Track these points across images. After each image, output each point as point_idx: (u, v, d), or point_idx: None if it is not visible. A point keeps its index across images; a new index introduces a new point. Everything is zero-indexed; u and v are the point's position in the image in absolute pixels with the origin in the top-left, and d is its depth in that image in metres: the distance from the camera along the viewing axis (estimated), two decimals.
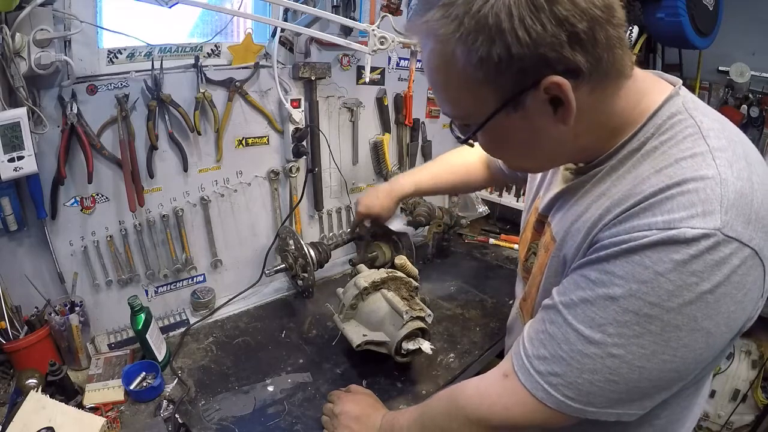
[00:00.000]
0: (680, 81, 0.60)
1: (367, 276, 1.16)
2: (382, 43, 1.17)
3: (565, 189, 0.67)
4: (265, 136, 1.44)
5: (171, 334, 1.29)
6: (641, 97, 0.58)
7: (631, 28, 1.55)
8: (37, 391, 0.91)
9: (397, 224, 1.38)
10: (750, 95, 1.89)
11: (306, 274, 1.36)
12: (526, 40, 0.47)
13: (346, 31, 1.42)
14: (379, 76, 1.66)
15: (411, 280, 1.19)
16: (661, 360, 0.50)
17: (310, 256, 1.35)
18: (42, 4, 0.93)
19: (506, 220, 2.04)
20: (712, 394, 2.00)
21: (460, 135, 0.61)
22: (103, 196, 1.18)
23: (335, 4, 1.37)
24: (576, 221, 0.62)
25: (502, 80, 0.51)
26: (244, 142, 1.40)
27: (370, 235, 1.47)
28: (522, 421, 0.61)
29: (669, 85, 0.60)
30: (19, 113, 0.92)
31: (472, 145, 0.63)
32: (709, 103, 2.01)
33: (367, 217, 1.31)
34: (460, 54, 0.51)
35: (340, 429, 0.90)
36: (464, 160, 1.23)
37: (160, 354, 1.13)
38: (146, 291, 1.33)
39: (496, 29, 0.47)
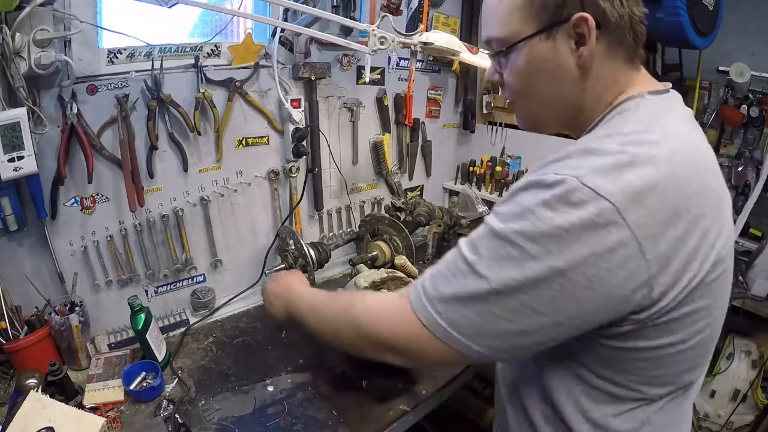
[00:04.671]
0: (674, 94, 0.66)
1: (367, 276, 1.16)
2: (382, 43, 1.17)
3: None
4: (265, 136, 1.44)
5: (171, 334, 1.29)
6: (621, 90, 0.64)
7: None
8: (37, 391, 0.91)
9: None
10: (750, 95, 1.89)
11: (306, 274, 1.36)
12: None
13: (346, 31, 1.42)
14: (379, 76, 1.66)
15: (411, 280, 1.19)
16: (515, 288, 0.54)
17: (310, 256, 1.35)
18: (42, 4, 0.93)
19: None
20: (712, 394, 2.00)
21: (495, 52, 0.69)
22: (103, 196, 1.18)
23: (335, 4, 1.37)
24: None
25: (547, 3, 0.61)
26: (244, 142, 1.40)
27: (370, 234, 1.47)
28: (405, 341, 0.65)
29: (655, 87, 0.65)
30: (19, 113, 0.92)
31: (501, 75, 0.70)
32: (708, 103, 2.02)
33: None
34: None
35: (266, 304, 1.07)
36: None
37: (160, 354, 1.13)
38: (146, 291, 1.33)
39: None
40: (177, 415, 0.98)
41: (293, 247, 1.40)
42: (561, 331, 0.56)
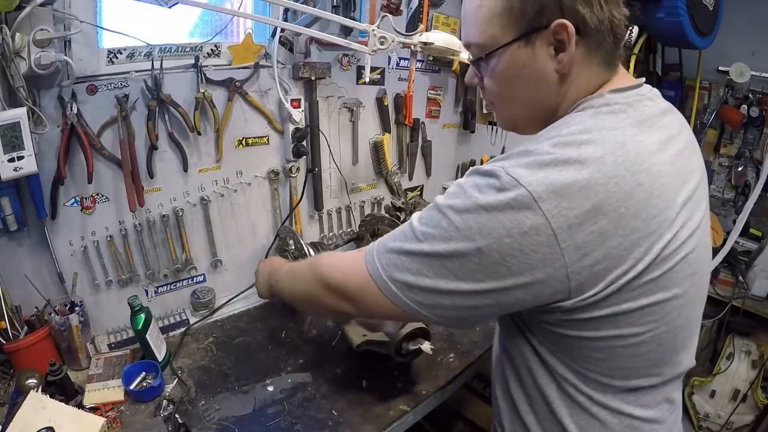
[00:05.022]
0: (644, 90, 0.66)
1: None
2: (382, 43, 1.17)
3: None
4: (265, 136, 1.44)
5: (171, 334, 1.29)
6: (593, 91, 0.65)
7: (631, 28, 1.55)
8: (37, 391, 0.91)
9: None
10: (750, 95, 1.89)
11: None
12: None
13: (346, 31, 1.42)
14: (379, 76, 1.66)
15: None
16: (439, 252, 0.60)
17: (310, 255, 1.35)
18: (42, 4, 0.93)
19: None
20: (712, 394, 2.00)
21: (471, 58, 0.71)
22: (103, 196, 1.18)
23: (335, 4, 1.37)
24: None
25: (526, 10, 0.61)
26: (244, 142, 1.40)
27: (370, 234, 1.47)
28: (352, 287, 0.72)
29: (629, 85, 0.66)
30: (19, 113, 0.92)
31: (481, 79, 0.71)
32: (708, 103, 2.02)
33: None
34: None
35: (256, 284, 1.14)
36: None
37: (160, 354, 1.13)
38: (146, 291, 1.33)
39: None
40: (177, 415, 0.98)
41: (293, 247, 1.40)
42: (480, 302, 0.61)
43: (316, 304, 0.84)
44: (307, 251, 1.35)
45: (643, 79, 0.69)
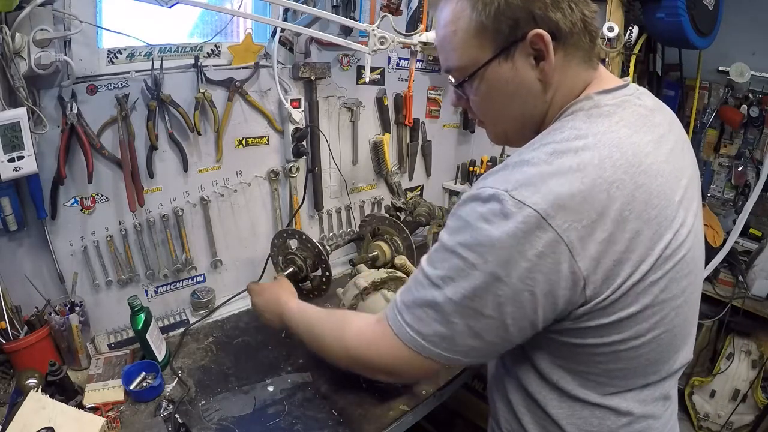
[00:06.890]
0: (631, 90, 0.66)
1: (367, 276, 1.16)
2: (382, 43, 1.17)
3: None
4: (265, 136, 1.44)
5: (171, 334, 1.29)
6: (578, 94, 0.65)
7: (631, 28, 1.55)
8: (37, 391, 0.91)
9: None
10: (750, 95, 1.89)
11: (317, 273, 1.32)
12: None
13: (346, 31, 1.42)
14: (379, 76, 1.66)
15: None
16: (461, 293, 0.59)
17: (324, 248, 1.30)
18: (42, 4, 0.93)
19: None
20: (712, 394, 2.00)
21: (454, 82, 0.70)
22: (103, 196, 1.18)
23: (335, 4, 1.37)
24: None
25: (500, 26, 0.61)
26: (244, 142, 1.40)
27: (370, 234, 1.46)
28: (391, 363, 0.69)
29: (612, 85, 0.66)
30: (19, 113, 0.92)
31: (467, 100, 0.71)
32: (708, 103, 2.02)
33: None
34: (469, 5, 0.63)
35: (260, 317, 1.08)
36: None
37: (160, 354, 1.13)
38: (146, 291, 1.33)
39: None
40: (177, 415, 0.98)
41: (294, 248, 1.38)
42: (512, 333, 0.60)
43: (343, 367, 0.81)
44: (320, 246, 1.29)
45: (629, 78, 0.69)
